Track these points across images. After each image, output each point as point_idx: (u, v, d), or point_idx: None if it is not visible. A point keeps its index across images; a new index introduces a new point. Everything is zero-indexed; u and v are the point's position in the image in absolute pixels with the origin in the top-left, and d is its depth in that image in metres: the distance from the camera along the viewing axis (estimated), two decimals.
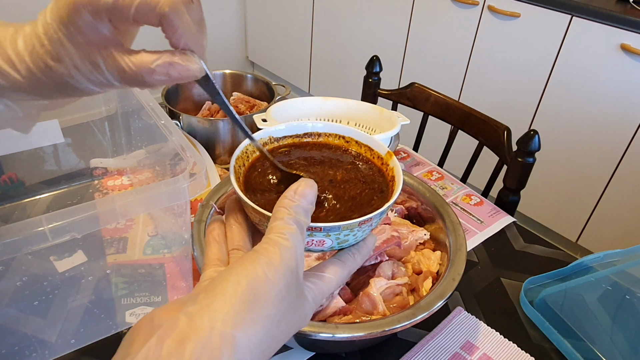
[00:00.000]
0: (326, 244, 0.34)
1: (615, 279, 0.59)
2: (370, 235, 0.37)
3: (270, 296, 0.27)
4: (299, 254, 0.29)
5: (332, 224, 0.33)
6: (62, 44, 0.28)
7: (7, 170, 0.73)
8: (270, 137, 0.43)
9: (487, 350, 0.57)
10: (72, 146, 0.77)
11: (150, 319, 0.26)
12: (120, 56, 0.29)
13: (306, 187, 0.32)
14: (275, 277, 0.27)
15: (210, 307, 0.25)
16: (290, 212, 0.30)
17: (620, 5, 1.48)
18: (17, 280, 0.55)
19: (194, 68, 0.30)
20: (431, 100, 1.11)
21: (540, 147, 0.86)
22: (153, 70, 0.29)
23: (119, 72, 0.29)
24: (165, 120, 0.58)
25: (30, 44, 0.28)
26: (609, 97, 1.50)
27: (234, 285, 0.26)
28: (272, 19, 2.71)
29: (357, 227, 0.34)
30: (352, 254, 0.36)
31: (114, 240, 0.66)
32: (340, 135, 0.44)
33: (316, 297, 0.32)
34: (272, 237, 0.29)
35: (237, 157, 0.39)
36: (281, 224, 0.30)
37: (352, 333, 0.44)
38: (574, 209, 1.71)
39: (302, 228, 0.30)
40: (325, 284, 0.33)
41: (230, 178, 0.36)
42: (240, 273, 0.27)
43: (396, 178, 0.39)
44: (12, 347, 0.51)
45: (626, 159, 1.52)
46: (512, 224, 0.79)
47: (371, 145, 0.43)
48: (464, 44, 1.83)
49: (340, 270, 0.34)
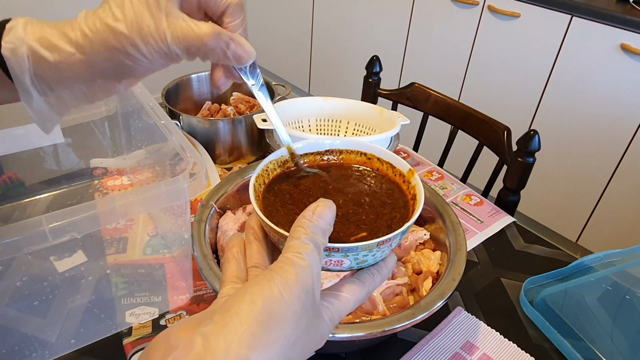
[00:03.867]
0: (345, 264, 0.34)
1: (615, 279, 0.59)
2: (390, 255, 0.37)
3: (286, 317, 0.27)
4: (315, 273, 0.29)
5: (350, 244, 0.32)
6: (132, 5, 0.31)
7: (7, 170, 0.73)
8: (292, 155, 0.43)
9: (487, 350, 0.57)
10: (72, 146, 0.77)
11: (167, 338, 0.26)
12: (188, 20, 0.32)
13: (325, 207, 0.31)
14: (291, 297, 0.27)
15: (226, 328, 0.25)
16: (307, 231, 0.30)
17: (620, 5, 1.48)
18: (17, 280, 0.55)
19: (249, 50, 0.35)
20: (431, 100, 1.11)
21: (540, 147, 0.86)
22: (219, 37, 0.33)
23: (183, 34, 0.32)
24: (165, 120, 0.58)
25: (92, 14, 0.32)
26: (609, 97, 1.50)
27: (249, 305, 0.26)
28: (272, 19, 2.71)
29: (376, 247, 0.33)
30: (372, 274, 0.35)
31: (114, 240, 0.66)
32: (362, 152, 0.44)
33: (333, 317, 0.31)
34: (289, 256, 0.29)
35: (257, 176, 0.39)
36: (298, 243, 0.29)
37: (352, 333, 0.44)
38: (574, 209, 1.71)
39: (319, 248, 0.30)
40: (343, 303, 0.33)
41: (250, 197, 0.36)
42: (255, 293, 0.27)
43: (417, 197, 0.39)
44: (12, 347, 0.51)
45: (626, 159, 1.52)
46: (512, 224, 0.79)
47: (393, 162, 0.43)
48: (464, 44, 1.83)
49: (358, 289, 0.34)
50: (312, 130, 0.92)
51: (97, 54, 0.32)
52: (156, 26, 0.31)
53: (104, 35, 0.31)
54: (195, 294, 0.61)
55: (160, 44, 0.32)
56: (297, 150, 0.43)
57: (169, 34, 0.32)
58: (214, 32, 0.33)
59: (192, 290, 0.61)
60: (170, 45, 0.32)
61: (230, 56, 0.34)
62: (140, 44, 0.31)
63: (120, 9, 0.31)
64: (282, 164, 0.42)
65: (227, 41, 0.33)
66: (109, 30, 0.31)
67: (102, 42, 0.31)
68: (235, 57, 0.34)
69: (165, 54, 0.32)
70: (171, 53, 0.33)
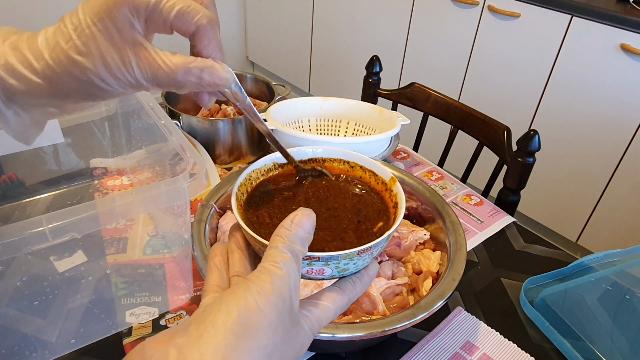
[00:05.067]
0: (326, 272, 0.34)
1: (615, 279, 0.59)
2: (372, 263, 0.37)
3: (261, 327, 0.26)
4: (292, 282, 0.29)
5: (330, 253, 0.32)
6: (95, 38, 0.29)
7: (7, 170, 0.72)
8: (275, 164, 0.43)
9: (487, 350, 0.57)
10: (72, 146, 0.77)
11: (142, 350, 0.25)
12: (155, 53, 0.30)
13: (303, 216, 0.31)
14: (267, 306, 0.27)
15: (201, 339, 0.25)
16: (285, 240, 0.30)
17: (620, 5, 1.48)
18: (17, 280, 0.55)
19: (225, 76, 0.33)
20: (431, 100, 1.11)
21: (540, 147, 0.86)
22: (189, 70, 0.31)
23: (152, 69, 0.30)
24: (165, 120, 0.58)
25: (53, 41, 0.29)
26: (609, 97, 1.50)
27: (224, 315, 0.26)
28: (272, 19, 2.71)
29: (357, 256, 0.33)
30: (353, 282, 0.35)
31: (114, 240, 0.66)
32: (344, 161, 0.44)
33: (313, 326, 0.31)
34: (265, 266, 0.29)
35: (240, 184, 0.39)
36: (275, 252, 0.29)
37: (352, 333, 0.44)
38: (574, 209, 1.71)
39: (297, 257, 0.30)
40: (323, 312, 0.32)
41: (232, 205, 0.36)
42: (231, 303, 0.26)
43: (399, 204, 0.39)
44: (12, 347, 0.51)
45: (626, 159, 1.52)
46: (512, 224, 0.79)
47: (375, 170, 0.43)
48: (464, 44, 1.83)
49: (339, 297, 0.34)
50: (312, 130, 0.92)
51: (64, 83, 0.30)
52: (122, 61, 0.29)
53: (69, 68, 0.29)
54: (195, 294, 0.61)
55: (128, 77, 0.30)
56: (278, 160, 0.43)
57: (137, 69, 0.30)
58: (184, 65, 0.30)
59: (192, 290, 0.61)
60: (138, 79, 0.30)
61: (204, 85, 0.32)
62: (108, 77, 0.30)
63: (81, 40, 0.29)
64: (265, 172, 0.42)
65: (198, 74, 0.31)
66: (73, 64, 0.29)
67: (68, 74, 0.30)
68: (210, 85, 0.32)
69: (134, 86, 0.31)
70: (141, 86, 0.31)
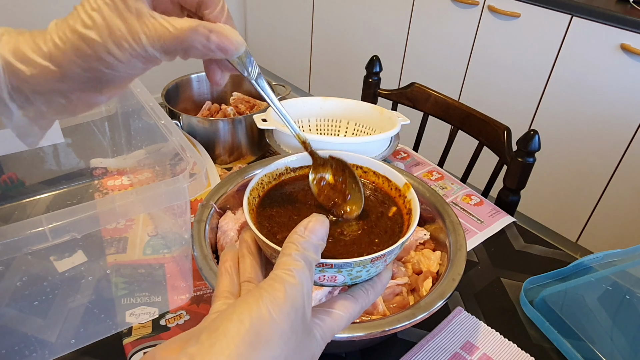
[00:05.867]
0: (338, 279, 0.34)
1: (615, 279, 0.59)
2: (385, 271, 0.36)
3: (274, 337, 0.26)
4: (305, 291, 0.28)
5: (343, 260, 0.32)
6: (100, 10, 0.29)
7: (7, 170, 0.72)
8: (287, 167, 0.42)
9: (487, 350, 0.57)
10: (72, 146, 0.77)
11: (152, 358, 0.25)
12: (162, 18, 0.30)
13: (317, 222, 0.31)
14: (280, 316, 0.26)
15: (213, 348, 0.25)
16: (298, 247, 0.29)
17: (620, 5, 1.48)
18: (17, 280, 0.55)
19: (235, 39, 0.31)
20: (431, 100, 1.11)
21: (540, 147, 0.86)
22: (196, 29, 0.30)
23: (158, 34, 0.30)
24: (165, 120, 0.58)
25: (62, 23, 0.30)
26: (609, 97, 1.50)
27: (237, 325, 0.26)
28: (272, 19, 2.71)
29: (370, 263, 0.33)
30: (365, 290, 0.35)
31: (114, 240, 0.66)
32: (358, 166, 0.44)
33: (325, 335, 0.31)
34: (278, 274, 0.28)
35: (251, 189, 0.38)
36: (288, 260, 0.29)
37: (352, 333, 0.44)
38: (574, 209, 1.71)
39: (311, 264, 0.30)
40: (335, 320, 0.32)
41: (244, 210, 0.36)
42: (244, 312, 0.26)
43: (413, 211, 0.38)
44: (12, 347, 0.51)
45: (626, 159, 1.52)
46: (512, 224, 0.79)
47: (389, 176, 0.42)
48: (464, 44, 1.83)
49: (351, 305, 0.33)
50: (312, 130, 0.92)
51: (72, 63, 0.30)
52: (128, 29, 0.29)
53: (76, 43, 0.30)
54: (195, 294, 0.61)
55: (135, 46, 0.30)
56: (290, 164, 0.42)
57: (143, 35, 0.30)
58: (190, 27, 0.30)
59: (192, 290, 0.61)
60: (146, 46, 0.30)
61: (213, 49, 0.31)
62: (115, 49, 0.30)
63: (88, 15, 0.29)
64: (277, 176, 0.42)
65: (205, 34, 0.30)
66: (80, 38, 0.29)
67: (75, 51, 0.30)
68: (219, 49, 0.31)
69: (142, 56, 0.31)
70: (148, 55, 0.31)
